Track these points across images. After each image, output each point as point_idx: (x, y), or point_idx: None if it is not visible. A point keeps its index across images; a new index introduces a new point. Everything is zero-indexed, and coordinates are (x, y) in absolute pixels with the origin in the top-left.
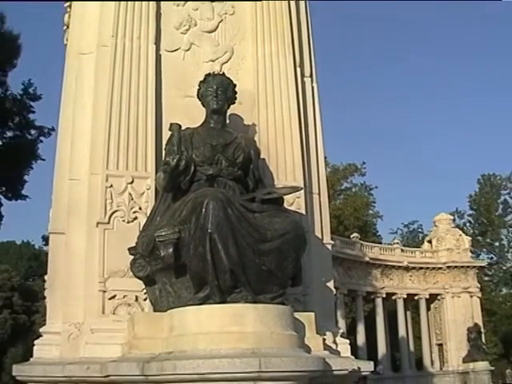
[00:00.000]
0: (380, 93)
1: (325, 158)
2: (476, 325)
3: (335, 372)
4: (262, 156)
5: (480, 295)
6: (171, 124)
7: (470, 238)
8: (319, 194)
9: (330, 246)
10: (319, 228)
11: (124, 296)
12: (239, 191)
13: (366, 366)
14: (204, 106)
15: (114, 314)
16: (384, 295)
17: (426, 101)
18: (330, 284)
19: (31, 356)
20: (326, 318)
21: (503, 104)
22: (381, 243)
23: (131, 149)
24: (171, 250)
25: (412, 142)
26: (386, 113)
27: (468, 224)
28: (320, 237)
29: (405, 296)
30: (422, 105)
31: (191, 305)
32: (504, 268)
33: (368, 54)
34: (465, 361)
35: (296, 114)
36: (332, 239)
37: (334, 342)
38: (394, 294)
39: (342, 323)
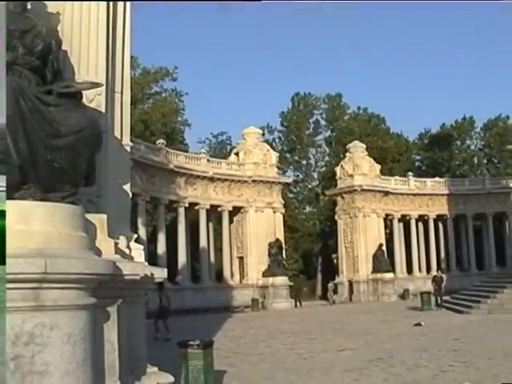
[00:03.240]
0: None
1: (133, 57)
2: (277, 240)
3: (126, 277)
4: (63, 48)
5: (283, 211)
6: None
7: (277, 154)
8: (122, 93)
9: (128, 148)
10: (119, 128)
11: None
12: (35, 82)
13: (160, 273)
14: None
15: None
16: (187, 205)
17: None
18: (127, 187)
19: None
20: (120, 221)
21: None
22: (187, 152)
23: None
24: None
25: (227, 53)
26: (204, 18)
27: (277, 140)
28: (119, 137)
29: (208, 207)
30: (241, 15)
31: None
32: (309, 187)
33: None
34: (264, 275)
35: (104, 8)
36: (136, 143)
37: (128, 247)
38: (198, 204)
39: (142, 231)
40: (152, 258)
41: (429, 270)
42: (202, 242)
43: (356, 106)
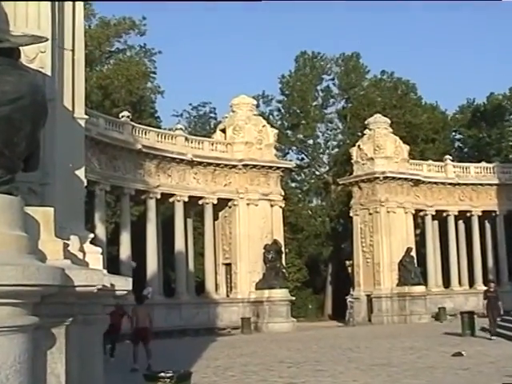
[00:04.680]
0: None
1: (87, 4)
2: (276, 242)
3: (79, 288)
4: None
5: (283, 205)
6: None
7: (276, 131)
8: (73, 50)
9: (82, 122)
10: (70, 96)
11: None
12: None
13: (122, 284)
14: None
15: None
16: (159, 196)
17: None
18: (81, 172)
19: None
20: (71, 217)
21: None
22: (159, 128)
23: None
24: None
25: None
26: None
27: (276, 113)
28: (70, 108)
29: (186, 199)
30: None
31: None
32: (317, 173)
33: None
34: (258, 287)
35: None
36: (93, 116)
37: (81, 250)
38: (173, 195)
39: (100, 229)
40: (113, 265)
41: (472, 283)
42: (178, 245)
43: (379, 70)
